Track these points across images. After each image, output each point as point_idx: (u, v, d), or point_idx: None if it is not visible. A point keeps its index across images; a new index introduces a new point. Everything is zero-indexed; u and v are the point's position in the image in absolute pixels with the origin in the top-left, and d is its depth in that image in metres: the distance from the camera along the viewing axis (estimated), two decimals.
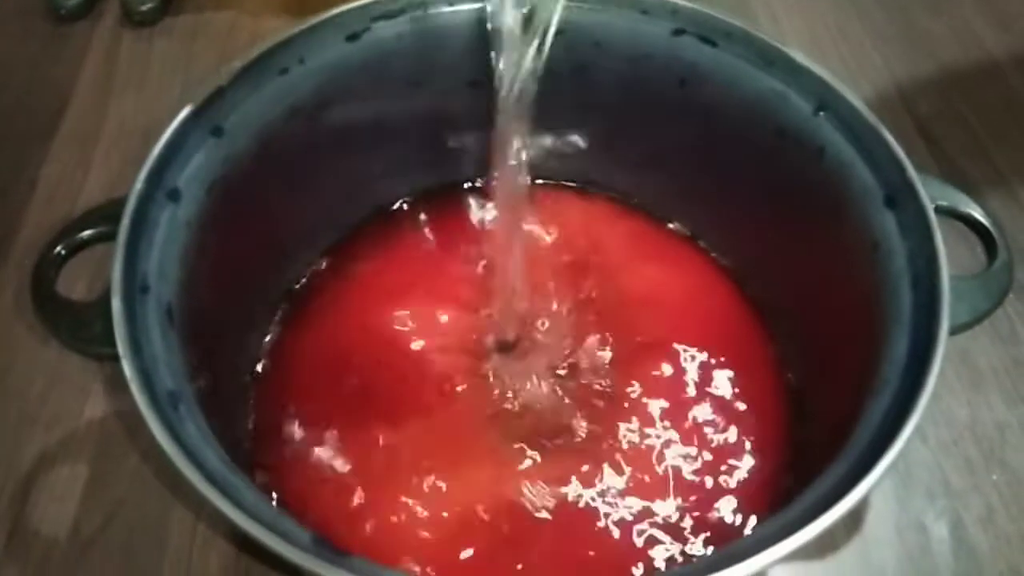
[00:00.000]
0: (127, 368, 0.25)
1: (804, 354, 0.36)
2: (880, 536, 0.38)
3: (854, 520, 0.37)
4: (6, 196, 0.49)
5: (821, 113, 0.35)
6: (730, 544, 0.26)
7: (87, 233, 0.31)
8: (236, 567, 0.36)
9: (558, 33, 0.39)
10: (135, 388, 0.25)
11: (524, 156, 0.35)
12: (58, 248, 0.31)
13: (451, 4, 0.38)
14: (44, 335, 0.43)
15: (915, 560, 0.37)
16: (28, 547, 0.37)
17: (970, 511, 0.39)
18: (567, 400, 0.38)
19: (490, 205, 0.44)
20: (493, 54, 0.34)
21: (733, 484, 0.35)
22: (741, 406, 0.37)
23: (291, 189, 0.38)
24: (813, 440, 0.33)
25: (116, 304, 0.26)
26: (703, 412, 0.37)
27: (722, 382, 0.38)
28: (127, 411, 0.40)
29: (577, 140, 0.44)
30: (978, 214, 0.33)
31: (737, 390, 0.38)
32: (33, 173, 0.50)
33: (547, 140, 0.44)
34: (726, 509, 0.35)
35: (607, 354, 0.39)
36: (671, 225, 0.44)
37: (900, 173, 0.31)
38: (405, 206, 0.44)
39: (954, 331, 0.28)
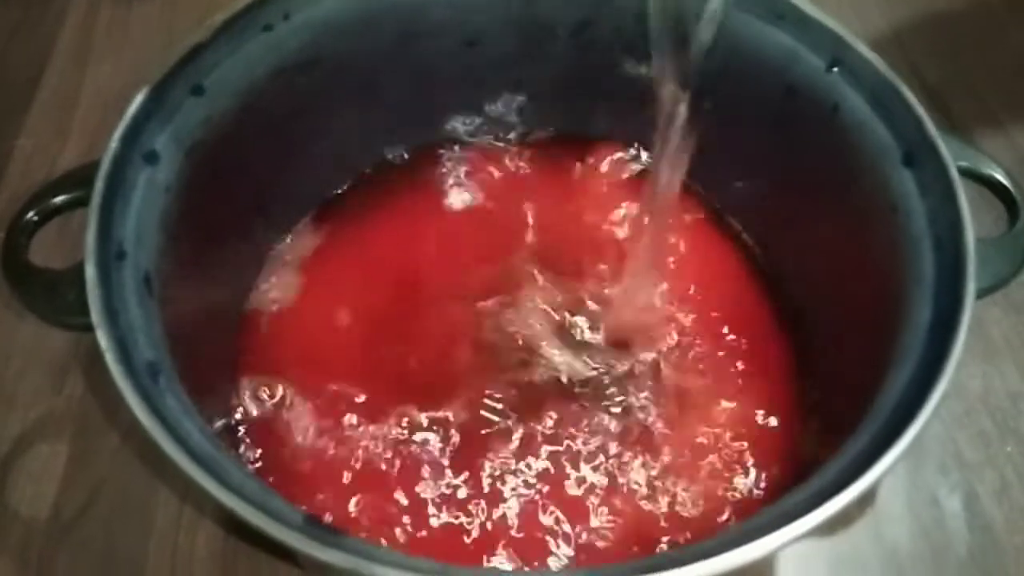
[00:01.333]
0: (101, 337, 0.23)
1: (822, 321, 0.35)
2: (893, 511, 0.37)
3: (866, 495, 0.36)
4: None
5: (835, 69, 0.33)
6: (749, 519, 0.24)
7: (60, 198, 0.29)
8: (224, 549, 0.35)
9: None
10: (110, 358, 0.23)
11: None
12: (30, 214, 0.29)
13: None
14: (20, 311, 0.41)
15: (929, 534, 0.36)
16: (6, 530, 0.35)
17: (984, 484, 0.38)
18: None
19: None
20: None
21: (748, 451, 0.34)
22: (756, 373, 0.36)
23: (275, 151, 0.36)
24: (833, 408, 0.32)
25: (90, 271, 0.25)
26: (717, 379, 0.36)
27: (737, 349, 0.37)
28: (107, 387, 0.39)
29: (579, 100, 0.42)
30: (999, 175, 0.31)
31: (753, 356, 0.36)
32: (8, 144, 0.48)
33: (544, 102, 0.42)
34: (741, 478, 0.33)
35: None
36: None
37: (919, 130, 0.30)
38: (391, 164, 0.43)
39: (977, 296, 0.27)
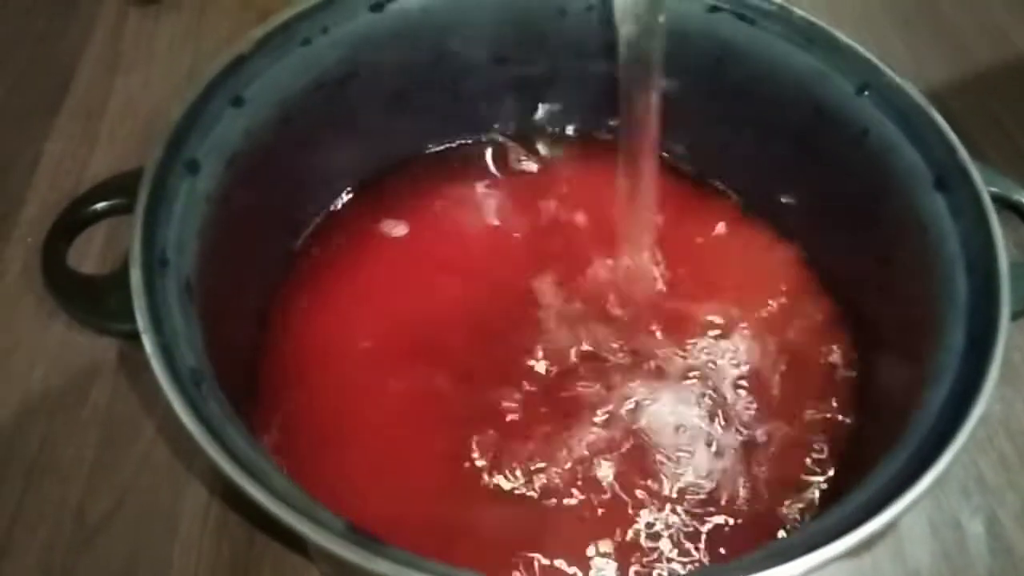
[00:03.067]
0: (148, 343, 0.23)
1: (856, 340, 0.35)
2: (915, 533, 0.37)
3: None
4: (9, 173, 0.47)
5: (865, 93, 0.33)
6: (774, 542, 0.25)
7: (101, 205, 0.29)
8: (248, 554, 0.35)
9: (587, 9, 0.39)
10: (157, 365, 0.23)
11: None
12: (71, 219, 0.29)
13: None
14: (48, 316, 0.41)
15: (951, 557, 0.36)
16: (31, 535, 0.35)
17: (1006, 508, 0.38)
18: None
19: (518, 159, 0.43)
20: None
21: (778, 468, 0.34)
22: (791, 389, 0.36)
23: (309, 160, 0.37)
24: (866, 429, 0.32)
25: (135, 277, 0.25)
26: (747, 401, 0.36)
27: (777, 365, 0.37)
28: (133, 394, 0.39)
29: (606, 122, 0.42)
30: None
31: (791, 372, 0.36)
32: (37, 150, 0.48)
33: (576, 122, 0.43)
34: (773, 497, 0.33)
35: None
36: None
37: (951, 155, 0.30)
38: (422, 172, 0.43)
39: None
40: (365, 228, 0.40)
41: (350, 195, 0.41)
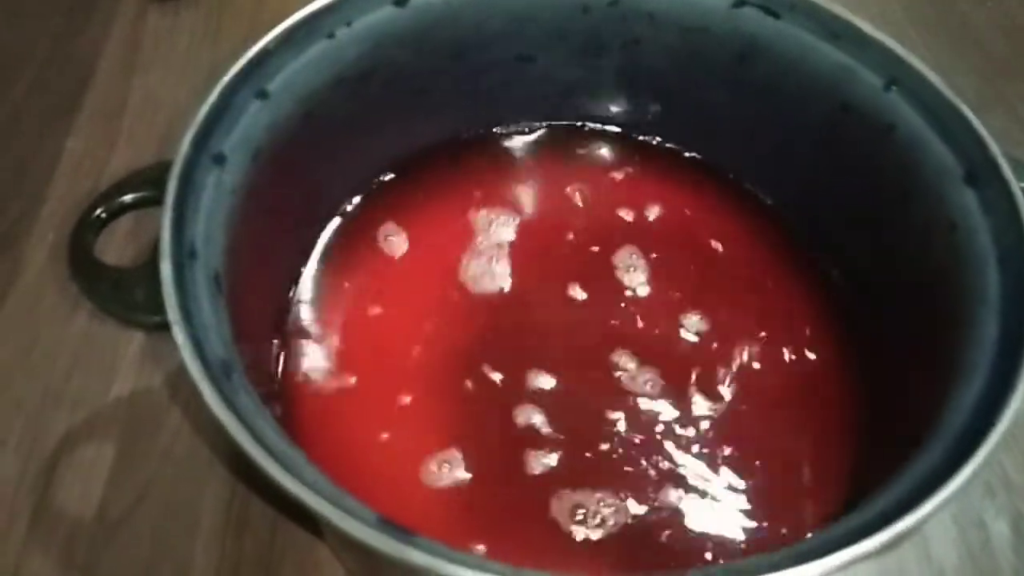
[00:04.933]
0: (179, 335, 0.23)
1: (880, 337, 0.35)
2: (940, 532, 0.36)
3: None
4: (29, 171, 0.48)
5: (893, 88, 0.33)
6: (805, 540, 0.24)
7: (129, 197, 0.30)
8: (270, 549, 0.35)
9: (610, 4, 0.38)
10: (188, 356, 0.23)
11: None
12: (99, 211, 0.29)
13: None
14: (70, 310, 0.42)
15: (976, 557, 0.36)
16: (52, 529, 0.36)
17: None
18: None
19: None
20: None
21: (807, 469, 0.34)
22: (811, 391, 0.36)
23: (331, 156, 0.37)
24: (890, 426, 0.32)
25: (165, 269, 0.25)
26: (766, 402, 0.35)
27: (793, 365, 0.36)
28: (156, 388, 0.39)
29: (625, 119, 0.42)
30: None
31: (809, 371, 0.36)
32: (57, 147, 0.49)
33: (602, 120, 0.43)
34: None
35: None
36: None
37: (981, 149, 0.30)
38: (444, 167, 0.42)
39: None
40: (383, 226, 0.40)
41: (369, 192, 0.41)
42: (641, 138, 0.43)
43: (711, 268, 0.40)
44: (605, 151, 0.43)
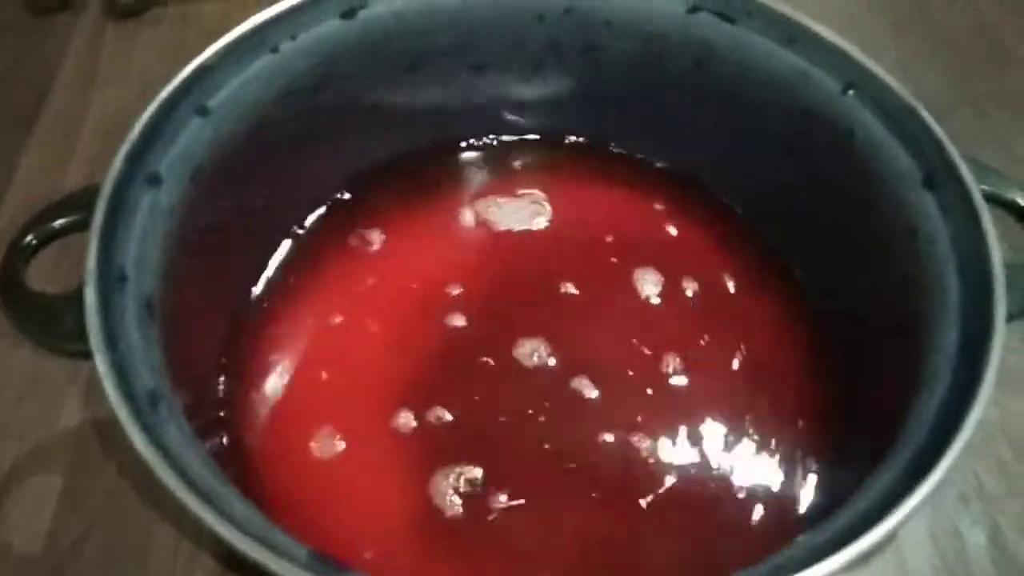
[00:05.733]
0: (100, 363, 0.22)
1: (848, 344, 0.34)
2: (914, 542, 0.35)
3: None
4: None
5: (850, 92, 0.33)
6: (783, 553, 0.23)
7: (60, 222, 0.29)
8: None
9: (565, 13, 0.38)
10: (109, 386, 0.22)
11: None
12: (28, 238, 0.28)
13: None
14: (15, 338, 0.40)
15: (951, 568, 0.35)
16: (2, 562, 0.34)
17: (1007, 516, 0.36)
18: None
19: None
20: None
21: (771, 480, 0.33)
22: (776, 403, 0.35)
23: (279, 171, 0.36)
24: (853, 436, 0.31)
25: (89, 296, 0.24)
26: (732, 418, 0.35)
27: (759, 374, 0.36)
28: (103, 419, 0.38)
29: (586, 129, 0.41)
30: (1021, 199, 0.31)
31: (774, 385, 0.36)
32: (10, 166, 0.47)
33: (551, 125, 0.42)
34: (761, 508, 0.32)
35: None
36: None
37: (940, 153, 0.29)
38: (399, 181, 0.41)
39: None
40: (339, 242, 0.39)
41: (323, 208, 0.40)
42: (606, 148, 0.42)
43: (681, 277, 0.39)
44: (567, 162, 0.42)
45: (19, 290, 0.27)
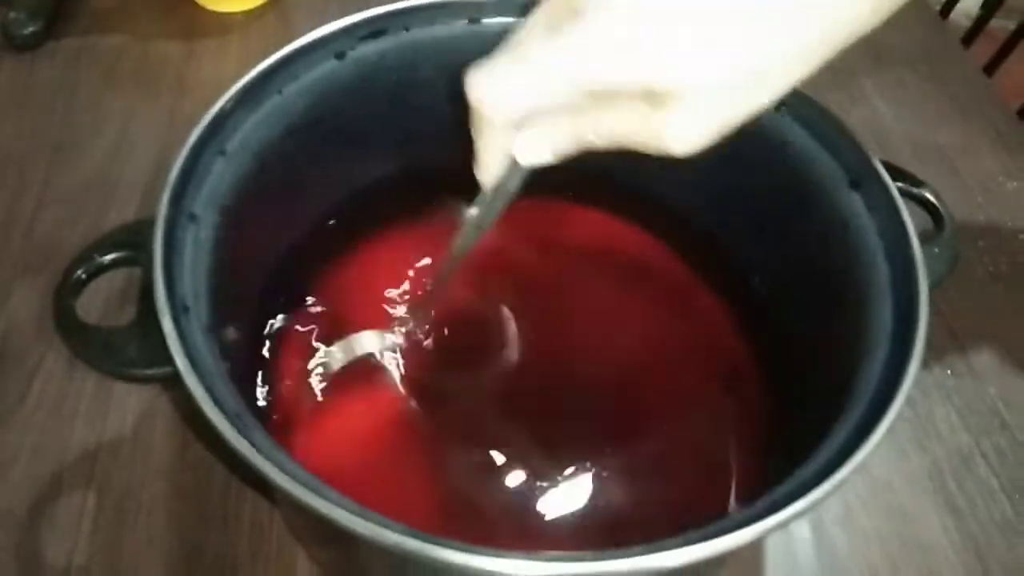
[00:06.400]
0: (194, 388, 0.25)
1: (795, 332, 0.39)
2: None
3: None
4: None
5: (782, 108, 0.38)
6: (751, 505, 0.28)
7: (108, 257, 0.31)
8: None
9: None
10: (208, 408, 0.25)
11: None
12: (78, 273, 0.30)
13: (431, 23, 0.40)
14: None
15: (777, 559, 0.39)
16: None
17: (829, 510, 0.41)
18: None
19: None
20: None
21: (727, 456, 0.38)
22: (729, 377, 0.40)
23: (288, 203, 0.39)
24: (794, 414, 0.36)
25: (167, 326, 0.27)
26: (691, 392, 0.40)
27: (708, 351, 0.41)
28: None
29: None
30: (929, 194, 0.37)
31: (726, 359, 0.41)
32: None
33: None
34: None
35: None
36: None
37: (862, 159, 0.35)
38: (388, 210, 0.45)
39: None
40: (331, 265, 0.42)
41: (323, 233, 0.43)
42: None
43: (636, 282, 0.44)
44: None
45: (75, 324, 0.30)
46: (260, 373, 0.38)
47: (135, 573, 0.37)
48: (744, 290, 0.42)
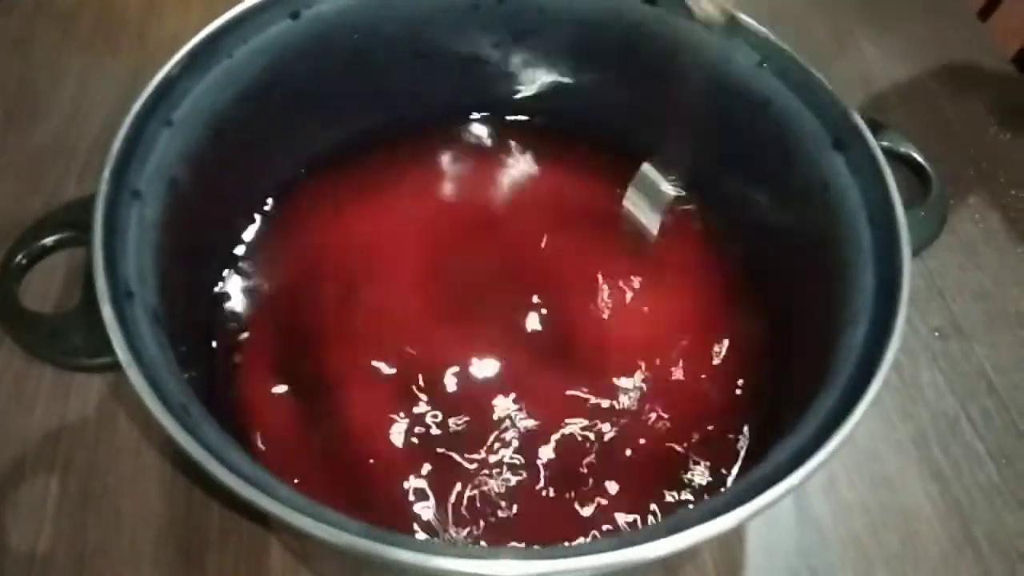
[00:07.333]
0: (135, 379, 0.24)
1: (771, 302, 0.38)
2: None
3: None
4: None
5: (764, 65, 0.36)
6: (735, 485, 0.27)
7: (49, 240, 0.29)
8: None
9: (499, 2, 0.40)
10: (148, 398, 0.24)
11: None
12: (19, 258, 0.29)
13: None
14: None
15: (759, 530, 0.38)
16: None
17: (811, 481, 0.40)
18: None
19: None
20: None
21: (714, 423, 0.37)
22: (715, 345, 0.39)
23: (243, 173, 0.37)
24: (783, 385, 0.35)
25: (107, 313, 0.25)
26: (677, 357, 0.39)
27: (696, 322, 0.39)
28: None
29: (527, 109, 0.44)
30: (915, 153, 0.35)
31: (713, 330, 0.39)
32: None
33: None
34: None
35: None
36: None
37: (845, 119, 0.34)
38: (357, 170, 0.43)
39: None
40: (300, 235, 0.41)
41: (283, 201, 0.41)
42: (547, 126, 0.45)
43: (631, 250, 0.42)
44: (513, 141, 0.45)
45: (18, 312, 0.28)
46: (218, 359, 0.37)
47: (102, 556, 0.36)
48: (730, 253, 0.41)
